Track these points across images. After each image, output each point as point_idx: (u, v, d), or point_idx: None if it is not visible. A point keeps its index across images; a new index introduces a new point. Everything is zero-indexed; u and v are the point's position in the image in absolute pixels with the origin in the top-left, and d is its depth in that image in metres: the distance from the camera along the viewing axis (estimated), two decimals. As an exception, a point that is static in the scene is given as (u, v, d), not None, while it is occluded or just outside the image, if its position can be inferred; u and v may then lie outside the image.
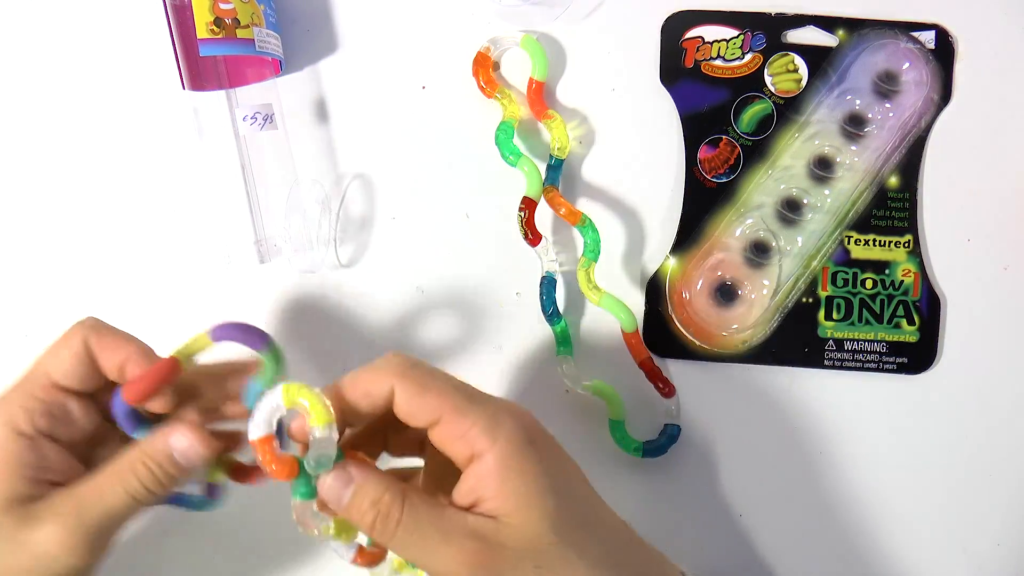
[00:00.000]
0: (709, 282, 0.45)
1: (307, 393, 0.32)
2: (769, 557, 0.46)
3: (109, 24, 0.46)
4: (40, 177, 0.46)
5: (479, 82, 0.45)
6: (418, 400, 0.32)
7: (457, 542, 0.31)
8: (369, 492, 0.32)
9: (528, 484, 0.31)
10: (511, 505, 0.31)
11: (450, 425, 0.32)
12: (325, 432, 0.32)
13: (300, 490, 0.33)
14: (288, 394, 0.32)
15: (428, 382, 0.32)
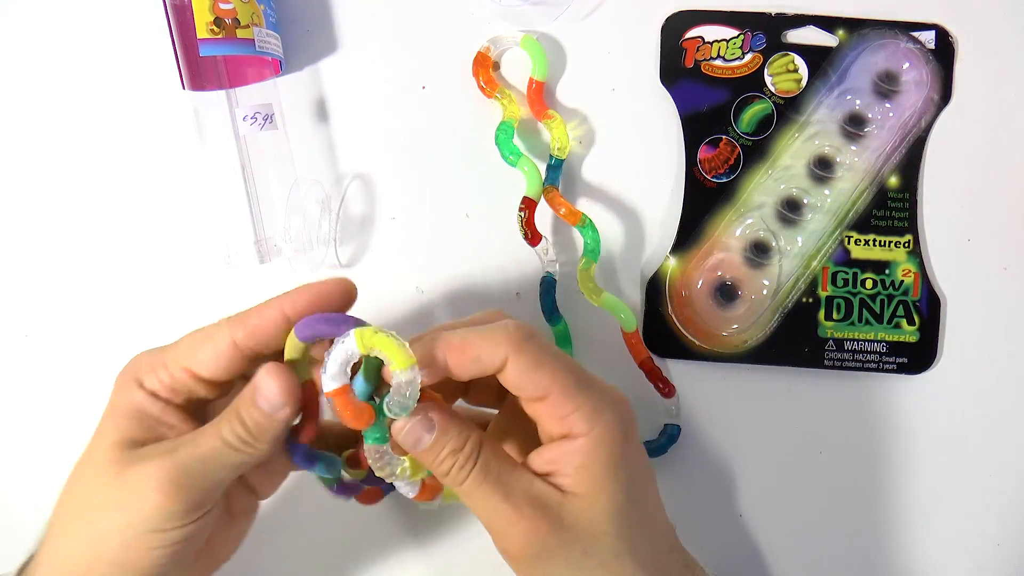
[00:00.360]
0: (709, 282, 0.45)
1: (383, 339, 0.30)
2: (769, 557, 0.46)
3: (109, 24, 0.46)
4: (40, 177, 0.46)
5: (479, 82, 0.45)
6: (530, 375, 0.32)
7: (518, 504, 0.31)
8: (451, 440, 0.32)
9: (608, 474, 0.32)
10: (585, 488, 0.32)
11: (554, 405, 0.32)
12: (408, 375, 0.30)
13: (374, 435, 0.32)
14: (363, 340, 0.31)
15: (543, 358, 0.32)
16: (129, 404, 0.33)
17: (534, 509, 0.31)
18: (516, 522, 0.31)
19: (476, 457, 0.32)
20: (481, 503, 0.32)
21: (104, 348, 0.45)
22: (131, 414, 0.32)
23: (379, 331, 0.31)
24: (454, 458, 0.32)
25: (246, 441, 0.31)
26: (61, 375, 0.45)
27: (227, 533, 0.36)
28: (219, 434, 0.31)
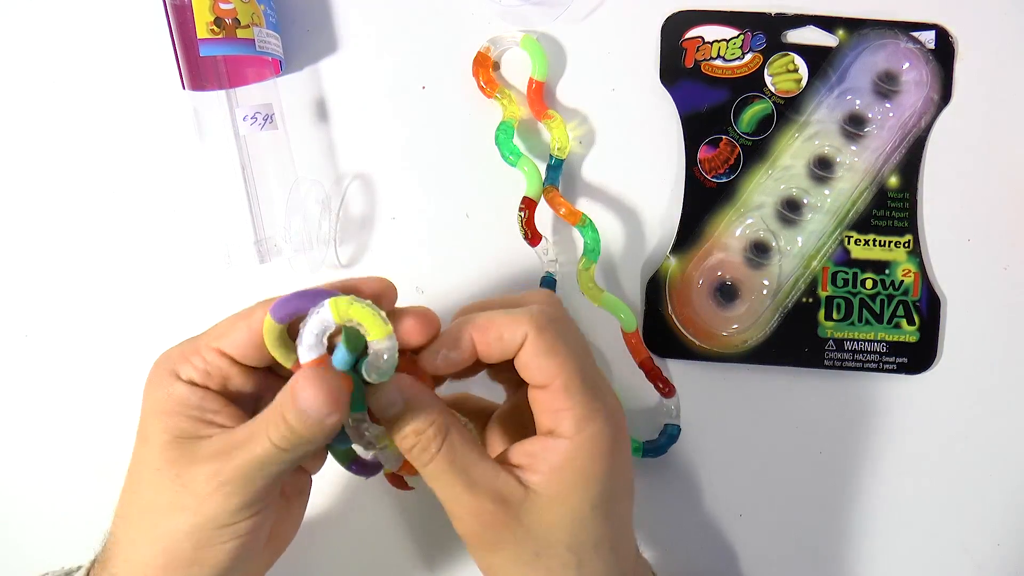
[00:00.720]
0: (709, 282, 0.45)
1: (358, 309, 0.30)
2: (769, 557, 0.46)
3: (109, 24, 0.46)
4: (40, 177, 0.46)
5: (479, 82, 0.45)
6: (538, 360, 0.32)
7: (479, 495, 0.31)
8: (415, 419, 0.32)
9: (578, 484, 0.32)
10: (551, 491, 0.32)
11: (551, 396, 0.32)
12: (384, 344, 0.30)
13: (354, 404, 0.32)
14: (338, 310, 0.30)
15: (557, 347, 0.32)
16: (169, 398, 0.32)
17: (494, 503, 0.31)
18: (475, 512, 0.31)
19: (441, 441, 0.32)
20: (444, 488, 0.32)
21: (104, 348, 0.45)
22: (174, 409, 0.32)
23: (355, 301, 0.30)
24: (417, 437, 0.31)
25: (295, 443, 0.30)
26: (61, 375, 0.45)
27: (286, 515, 0.36)
28: (268, 437, 0.30)
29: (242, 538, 0.32)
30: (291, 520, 0.37)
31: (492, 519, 0.31)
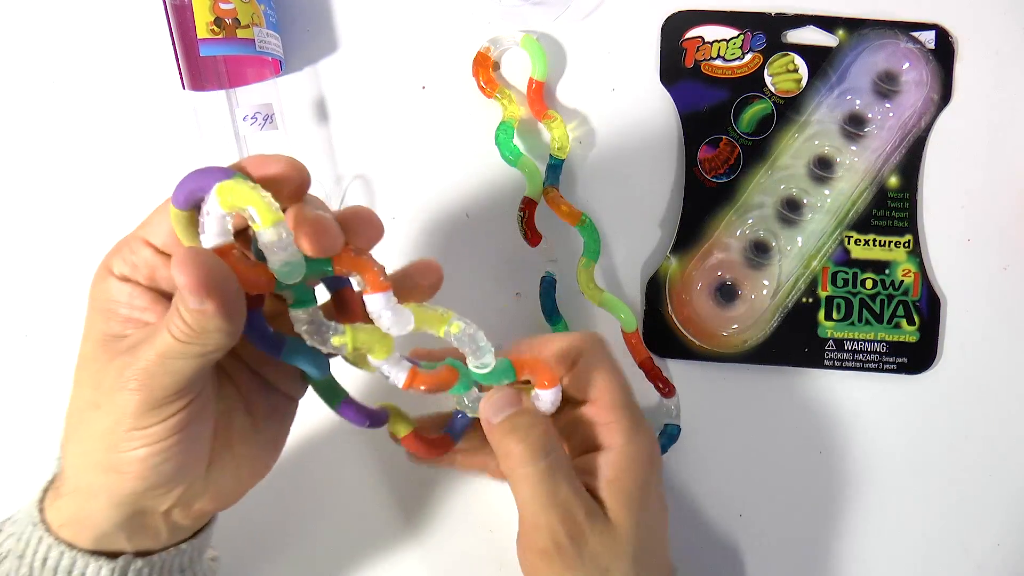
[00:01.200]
0: (709, 282, 0.45)
1: (245, 192, 0.27)
2: (769, 557, 0.46)
3: (109, 24, 0.46)
4: (40, 177, 0.46)
5: (479, 82, 0.45)
6: (590, 374, 0.35)
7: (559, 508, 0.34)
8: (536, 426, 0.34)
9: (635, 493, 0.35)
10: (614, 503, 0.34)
11: (600, 410, 0.35)
12: (271, 234, 0.27)
13: (295, 296, 0.30)
14: (223, 195, 0.27)
15: (606, 364, 0.36)
16: (102, 295, 0.31)
17: (586, 517, 0.34)
18: (567, 523, 0.33)
19: (545, 451, 0.33)
20: (544, 495, 0.33)
21: (104, 348, 0.45)
22: (106, 306, 0.31)
23: (242, 182, 0.27)
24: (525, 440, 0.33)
25: (192, 335, 0.28)
26: (61, 375, 0.45)
27: (255, 438, 0.34)
28: (168, 330, 0.28)
29: (155, 445, 0.29)
30: (261, 445, 0.35)
31: (580, 530, 0.33)
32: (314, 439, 0.45)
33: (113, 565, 0.32)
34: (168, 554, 0.34)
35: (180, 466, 0.30)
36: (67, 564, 0.32)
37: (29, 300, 0.46)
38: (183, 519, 0.33)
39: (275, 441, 0.35)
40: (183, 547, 0.34)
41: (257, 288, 0.29)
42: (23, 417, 0.46)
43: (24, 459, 0.45)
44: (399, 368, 0.32)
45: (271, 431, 0.35)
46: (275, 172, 0.29)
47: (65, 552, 0.32)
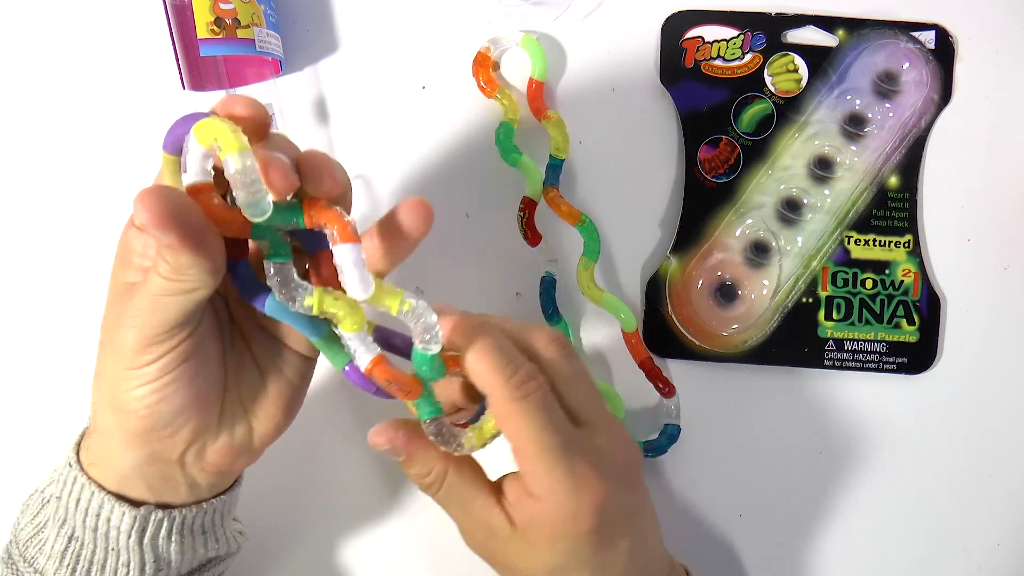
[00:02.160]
0: (709, 282, 0.45)
1: (215, 126, 0.28)
2: (769, 557, 0.46)
3: (109, 24, 0.46)
4: (40, 177, 0.46)
5: (479, 82, 0.45)
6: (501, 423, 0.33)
7: (473, 523, 0.35)
8: (415, 467, 0.34)
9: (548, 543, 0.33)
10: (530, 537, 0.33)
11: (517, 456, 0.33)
12: (237, 163, 0.27)
13: (270, 248, 0.30)
14: (199, 133, 0.28)
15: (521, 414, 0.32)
16: (122, 245, 0.32)
17: (485, 532, 0.34)
18: (471, 534, 0.35)
19: (440, 484, 0.34)
20: (447, 510, 0.35)
21: (104, 348, 0.45)
22: (123, 255, 0.32)
23: (216, 119, 0.28)
24: (420, 480, 0.34)
25: (172, 273, 0.29)
26: (61, 375, 0.45)
27: (266, 394, 0.35)
28: (156, 268, 0.30)
29: (151, 384, 0.31)
30: (274, 403, 0.35)
31: (484, 543, 0.35)
32: (314, 439, 0.45)
33: (136, 513, 0.33)
34: (189, 511, 0.35)
35: (179, 408, 0.32)
36: (95, 506, 0.33)
37: (29, 300, 0.46)
38: (199, 472, 0.34)
39: (290, 400, 0.36)
40: (204, 506, 0.35)
41: (231, 230, 0.29)
42: (23, 417, 0.46)
43: (24, 459, 0.45)
44: (366, 348, 0.31)
45: (284, 389, 0.35)
46: (239, 112, 0.30)
47: (95, 493, 0.33)
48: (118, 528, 0.33)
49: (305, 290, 0.30)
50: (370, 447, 0.34)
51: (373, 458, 0.45)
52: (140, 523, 0.34)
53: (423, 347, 0.31)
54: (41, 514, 0.36)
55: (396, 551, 0.46)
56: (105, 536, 0.34)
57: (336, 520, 0.46)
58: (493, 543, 0.34)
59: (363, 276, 0.30)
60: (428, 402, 0.33)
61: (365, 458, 0.45)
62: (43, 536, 0.35)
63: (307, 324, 0.32)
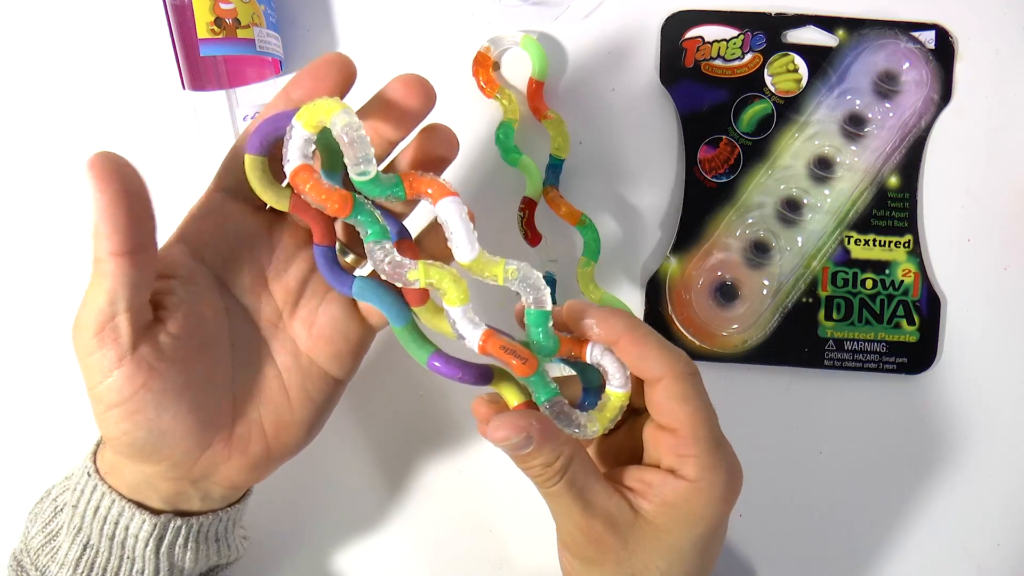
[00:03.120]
0: (709, 282, 0.45)
1: (323, 104, 0.30)
2: (769, 557, 0.46)
3: (109, 24, 0.46)
4: (40, 177, 0.46)
5: (479, 82, 0.45)
6: (675, 404, 0.32)
7: (592, 516, 0.32)
8: (543, 455, 0.32)
9: (687, 525, 0.33)
10: (661, 523, 0.32)
11: (680, 442, 0.32)
12: (343, 119, 0.29)
13: (369, 229, 0.31)
14: (305, 118, 0.30)
15: (694, 396, 0.33)
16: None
17: (604, 524, 0.32)
18: (585, 530, 0.32)
19: (564, 471, 0.32)
20: (560, 506, 0.33)
21: (104, 348, 0.45)
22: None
23: (316, 101, 0.30)
24: (544, 470, 0.32)
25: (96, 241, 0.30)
26: (61, 375, 0.45)
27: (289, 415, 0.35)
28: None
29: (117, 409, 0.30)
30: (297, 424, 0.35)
31: (600, 538, 0.32)
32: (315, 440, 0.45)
33: (156, 520, 0.33)
34: (206, 518, 0.35)
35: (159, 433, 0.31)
36: (115, 513, 0.33)
37: (29, 300, 0.46)
38: (212, 486, 0.34)
39: (313, 422, 0.36)
40: (220, 514, 0.35)
41: (333, 206, 0.30)
42: (23, 417, 0.46)
43: (25, 459, 0.45)
44: (473, 324, 0.32)
45: (310, 413, 0.35)
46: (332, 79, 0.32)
47: (115, 500, 0.33)
48: (136, 536, 0.33)
49: (409, 265, 0.31)
50: (492, 440, 0.32)
51: (371, 460, 0.45)
52: (159, 531, 0.33)
53: (537, 307, 0.31)
54: (54, 522, 0.35)
55: (395, 554, 0.46)
56: (122, 544, 0.34)
57: (335, 523, 0.46)
58: (609, 535, 0.32)
59: (470, 232, 0.31)
60: (543, 381, 0.32)
61: (363, 460, 0.46)
62: (56, 544, 0.35)
63: (394, 308, 0.33)
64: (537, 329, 0.32)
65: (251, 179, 0.32)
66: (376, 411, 0.46)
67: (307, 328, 0.35)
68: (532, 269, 0.32)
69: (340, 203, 0.30)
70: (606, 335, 0.33)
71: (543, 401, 0.32)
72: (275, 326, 0.35)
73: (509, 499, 0.46)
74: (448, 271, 0.32)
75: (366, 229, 0.31)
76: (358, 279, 0.33)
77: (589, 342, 0.33)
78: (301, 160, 0.30)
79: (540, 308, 0.32)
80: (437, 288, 0.32)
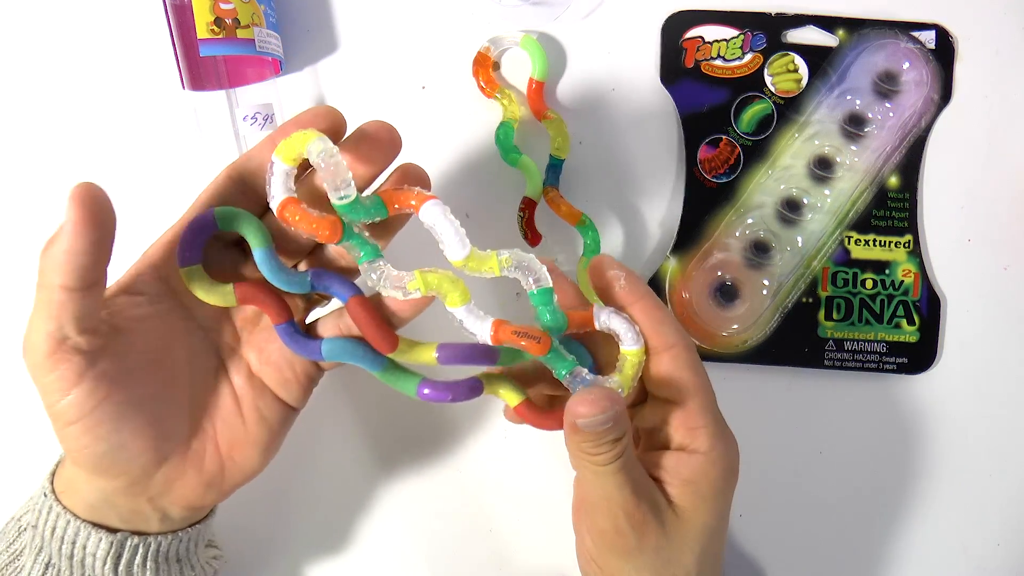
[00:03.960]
0: (709, 282, 0.45)
1: (292, 137, 0.30)
2: (769, 557, 0.46)
3: (109, 24, 0.46)
4: (40, 177, 0.46)
5: (479, 82, 0.45)
6: (683, 373, 0.33)
7: (640, 498, 0.33)
8: (615, 431, 0.32)
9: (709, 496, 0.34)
10: (687, 504, 0.33)
11: (689, 414, 0.34)
12: (318, 145, 0.30)
13: (361, 251, 0.32)
14: (283, 153, 0.30)
15: (700, 366, 0.34)
16: None
17: (650, 506, 0.33)
18: (630, 512, 0.32)
19: (625, 448, 0.32)
20: (611, 486, 0.32)
21: (104, 348, 0.45)
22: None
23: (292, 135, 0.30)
24: (613, 446, 0.32)
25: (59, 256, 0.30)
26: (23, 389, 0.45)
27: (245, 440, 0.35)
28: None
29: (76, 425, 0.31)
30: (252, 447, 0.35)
31: (644, 521, 0.33)
32: (313, 439, 0.45)
33: (112, 538, 0.33)
34: (165, 538, 0.35)
35: (116, 447, 0.32)
36: (71, 533, 0.33)
37: (28, 300, 0.46)
38: (169, 505, 0.34)
39: (267, 445, 0.36)
40: (180, 534, 0.35)
41: (323, 234, 0.31)
42: (23, 417, 0.46)
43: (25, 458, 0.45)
44: (480, 320, 0.33)
45: (264, 435, 0.36)
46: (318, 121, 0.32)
47: (70, 521, 0.33)
48: (94, 555, 0.33)
49: (407, 277, 0.32)
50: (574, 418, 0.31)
51: (371, 460, 0.45)
52: (116, 549, 0.34)
53: (538, 286, 0.32)
54: (17, 542, 0.36)
55: (395, 554, 0.46)
56: (81, 563, 0.34)
57: (335, 523, 0.46)
58: (652, 519, 0.33)
59: (458, 230, 0.32)
60: (559, 355, 0.33)
61: (363, 460, 0.46)
62: (19, 564, 0.35)
63: (369, 359, 0.34)
64: (544, 308, 0.33)
65: (192, 289, 0.33)
66: (375, 410, 0.46)
67: (258, 354, 0.36)
68: (524, 253, 0.33)
69: (330, 229, 0.31)
70: (631, 289, 0.34)
71: (564, 374, 0.33)
72: (233, 349, 0.36)
73: (509, 499, 0.46)
74: (444, 274, 0.32)
75: (358, 251, 0.32)
76: (325, 341, 0.34)
77: (594, 308, 0.33)
78: (286, 194, 0.31)
79: (541, 287, 0.32)
80: (437, 293, 0.32)
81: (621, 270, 0.34)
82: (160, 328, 0.33)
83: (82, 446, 0.31)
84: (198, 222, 0.32)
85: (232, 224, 0.33)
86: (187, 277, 0.33)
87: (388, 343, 0.33)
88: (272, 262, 0.33)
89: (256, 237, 0.33)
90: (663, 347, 0.34)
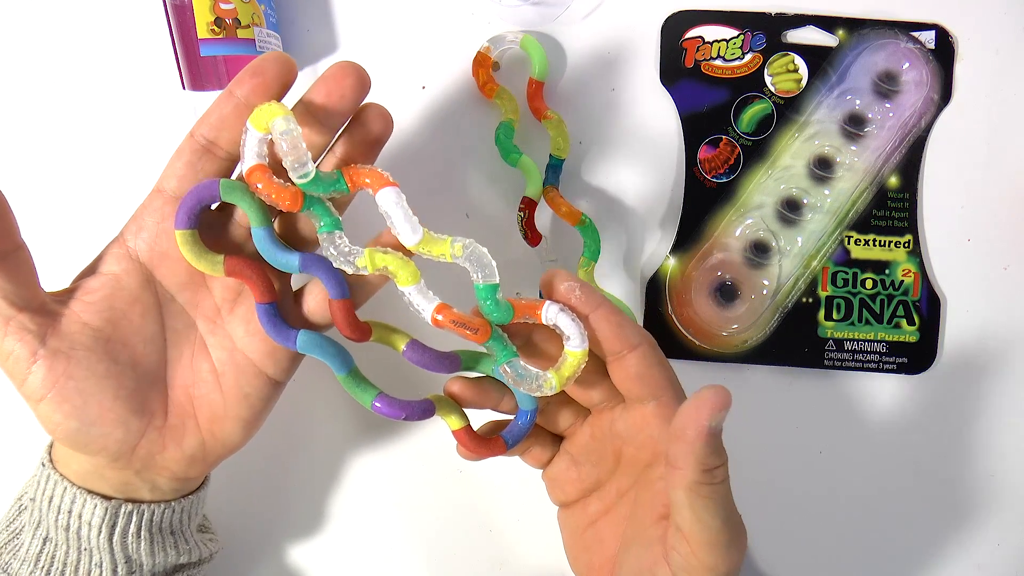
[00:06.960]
0: (709, 282, 0.45)
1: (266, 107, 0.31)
2: (769, 557, 0.46)
3: (109, 24, 0.46)
4: (40, 177, 0.46)
5: (479, 82, 0.45)
6: (652, 370, 0.34)
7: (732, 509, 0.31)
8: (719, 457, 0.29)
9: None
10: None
11: (665, 406, 0.34)
12: (283, 125, 0.31)
13: (322, 220, 0.33)
14: (256, 120, 0.32)
15: (663, 360, 0.34)
16: None
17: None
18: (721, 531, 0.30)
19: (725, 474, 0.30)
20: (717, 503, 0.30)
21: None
22: None
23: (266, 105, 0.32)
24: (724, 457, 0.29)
25: None
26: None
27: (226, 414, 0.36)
28: None
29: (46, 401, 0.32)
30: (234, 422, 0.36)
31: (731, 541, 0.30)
32: (313, 439, 0.45)
33: (107, 505, 0.34)
34: (158, 506, 0.35)
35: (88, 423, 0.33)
36: (67, 501, 0.34)
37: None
38: (157, 476, 0.35)
39: (249, 420, 0.36)
40: (173, 504, 0.36)
41: (284, 202, 0.32)
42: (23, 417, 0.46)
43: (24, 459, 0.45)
44: (426, 299, 0.34)
45: (245, 410, 0.36)
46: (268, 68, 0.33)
47: (67, 488, 0.34)
48: (89, 523, 0.34)
49: (356, 253, 0.33)
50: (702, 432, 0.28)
51: (370, 460, 0.45)
52: (111, 517, 0.34)
53: (484, 281, 0.33)
54: (17, 520, 0.36)
55: (395, 554, 0.46)
56: (77, 534, 0.34)
57: (334, 523, 0.46)
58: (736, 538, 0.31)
59: (409, 216, 0.33)
60: (502, 344, 0.34)
61: (362, 459, 0.46)
62: (18, 541, 0.35)
63: (337, 359, 0.35)
64: (487, 301, 0.33)
65: (184, 253, 0.34)
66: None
67: (245, 325, 0.36)
68: (479, 246, 0.33)
69: (291, 199, 0.33)
70: (587, 300, 0.34)
71: (503, 362, 0.34)
72: (213, 322, 0.36)
73: (509, 499, 0.46)
74: (393, 255, 0.33)
75: (319, 220, 0.34)
76: (302, 333, 0.35)
77: (545, 302, 0.34)
78: (256, 160, 0.32)
79: (488, 283, 0.33)
80: (386, 272, 0.34)
81: (575, 282, 0.34)
82: (121, 302, 0.34)
83: (55, 423, 0.32)
84: (201, 189, 0.33)
85: (233, 197, 0.33)
86: (181, 240, 0.33)
87: (361, 332, 0.35)
88: (269, 242, 0.34)
89: (257, 216, 0.34)
90: (628, 348, 0.33)
